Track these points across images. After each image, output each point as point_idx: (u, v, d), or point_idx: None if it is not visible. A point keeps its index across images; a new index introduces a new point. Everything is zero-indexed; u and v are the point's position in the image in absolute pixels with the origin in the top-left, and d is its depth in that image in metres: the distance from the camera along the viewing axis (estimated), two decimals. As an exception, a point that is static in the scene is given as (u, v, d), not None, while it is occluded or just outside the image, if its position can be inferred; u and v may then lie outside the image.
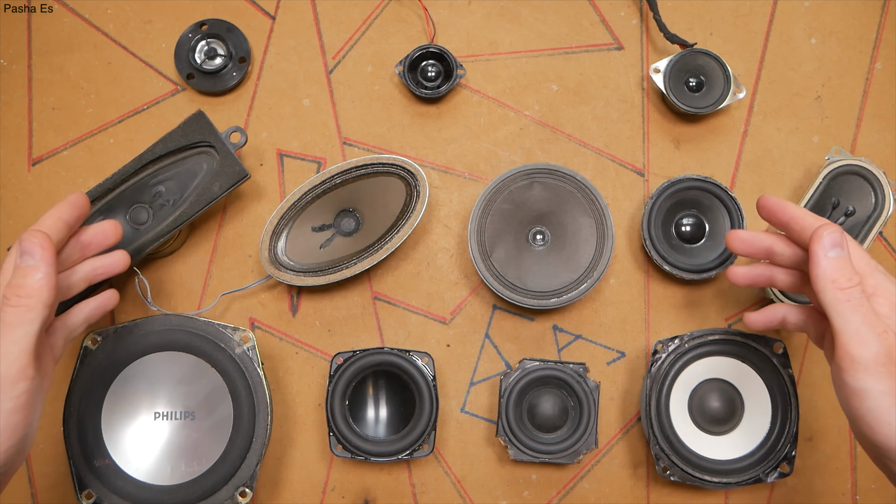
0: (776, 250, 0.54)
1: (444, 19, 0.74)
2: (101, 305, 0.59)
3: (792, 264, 0.54)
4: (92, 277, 0.58)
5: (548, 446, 0.65)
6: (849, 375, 0.46)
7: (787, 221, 0.52)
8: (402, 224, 0.67)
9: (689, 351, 0.66)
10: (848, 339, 0.46)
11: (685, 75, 0.71)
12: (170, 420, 0.63)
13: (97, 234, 0.57)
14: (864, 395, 0.46)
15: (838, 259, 0.48)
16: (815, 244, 0.48)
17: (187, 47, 0.71)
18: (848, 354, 0.46)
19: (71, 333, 0.57)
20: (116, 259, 0.59)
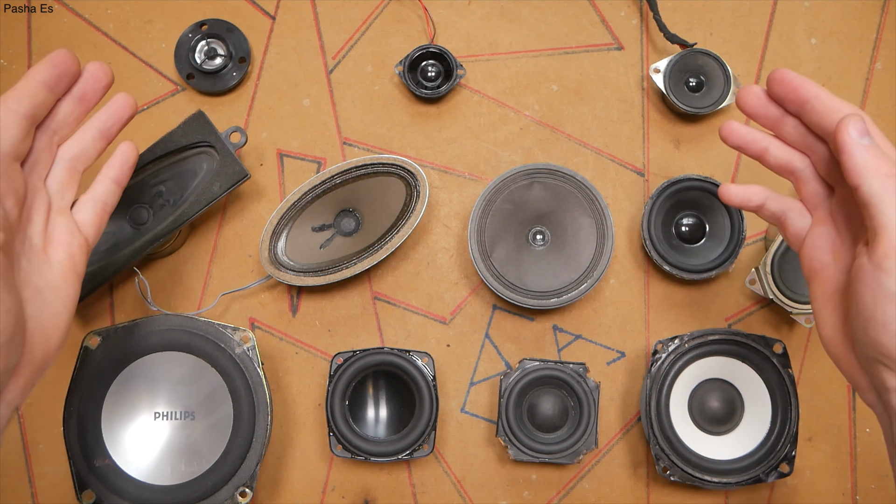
0: (787, 122, 0.49)
1: (444, 19, 0.74)
2: (124, 162, 0.54)
3: (796, 143, 0.49)
4: (105, 130, 0.52)
5: (548, 446, 0.65)
6: (891, 278, 0.41)
7: (808, 100, 0.46)
8: (402, 224, 0.67)
9: (689, 351, 0.66)
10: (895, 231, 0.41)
11: (685, 75, 0.71)
12: (170, 420, 0.63)
13: (87, 80, 0.50)
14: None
15: (874, 147, 0.42)
16: (841, 134, 0.43)
17: (187, 47, 0.71)
18: (894, 250, 0.40)
19: (106, 204, 0.53)
20: (119, 102, 0.53)
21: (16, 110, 0.46)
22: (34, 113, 0.47)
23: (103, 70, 0.51)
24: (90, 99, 0.51)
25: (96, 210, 0.52)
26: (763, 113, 0.49)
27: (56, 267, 0.48)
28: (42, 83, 0.47)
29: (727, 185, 0.52)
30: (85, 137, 0.52)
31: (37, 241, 0.48)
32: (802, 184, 0.50)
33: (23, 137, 0.46)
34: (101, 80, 0.51)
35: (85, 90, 0.50)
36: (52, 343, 0.47)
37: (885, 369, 0.43)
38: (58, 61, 0.48)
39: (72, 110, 0.50)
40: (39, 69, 0.47)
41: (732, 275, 0.71)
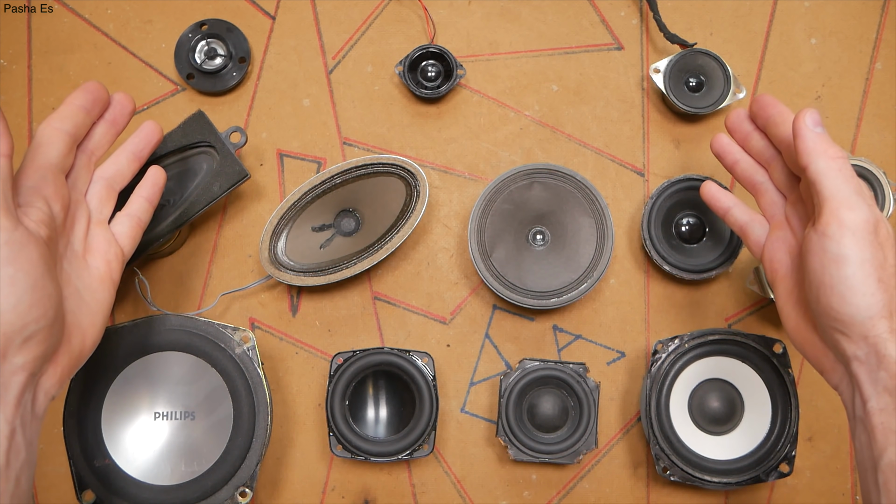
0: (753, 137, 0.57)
1: (444, 19, 0.74)
2: (154, 182, 0.59)
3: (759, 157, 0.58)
4: (137, 153, 0.58)
5: (548, 446, 0.65)
6: (833, 241, 0.46)
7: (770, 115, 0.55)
8: (402, 224, 0.67)
9: (689, 351, 0.66)
10: (839, 203, 0.47)
11: (685, 75, 0.71)
12: (170, 420, 0.63)
13: (116, 107, 0.57)
14: (844, 261, 0.46)
15: (824, 135, 0.50)
16: (798, 122, 0.50)
17: (187, 47, 0.71)
18: (837, 219, 0.46)
19: (140, 220, 0.58)
20: (148, 128, 0.59)
21: (60, 128, 0.52)
22: (76, 132, 0.53)
23: (128, 98, 0.58)
24: (119, 123, 0.57)
25: (132, 224, 0.57)
26: (737, 128, 0.58)
27: (94, 272, 0.53)
28: (80, 107, 0.53)
29: (708, 182, 0.62)
30: (120, 159, 0.58)
31: (77, 247, 0.53)
32: (762, 194, 0.58)
33: (67, 152, 0.52)
34: (127, 106, 0.57)
35: (115, 115, 0.57)
36: (88, 339, 0.52)
37: (842, 337, 0.47)
38: (91, 89, 0.55)
39: (105, 132, 0.56)
40: (77, 95, 0.54)
41: (732, 275, 0.71)
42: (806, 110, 0.50)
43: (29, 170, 0.50)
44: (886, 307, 0.46)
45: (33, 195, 0.49)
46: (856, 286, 0.46)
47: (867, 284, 0.46)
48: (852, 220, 0.46)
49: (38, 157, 0.51)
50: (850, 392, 0.49)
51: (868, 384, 0.46)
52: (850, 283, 0.46)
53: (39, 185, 0.50)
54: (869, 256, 0.46)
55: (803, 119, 0.50)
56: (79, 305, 0.51)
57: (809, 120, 0.49)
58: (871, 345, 0.46)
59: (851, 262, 0.46)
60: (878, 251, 0.46)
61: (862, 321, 0.46)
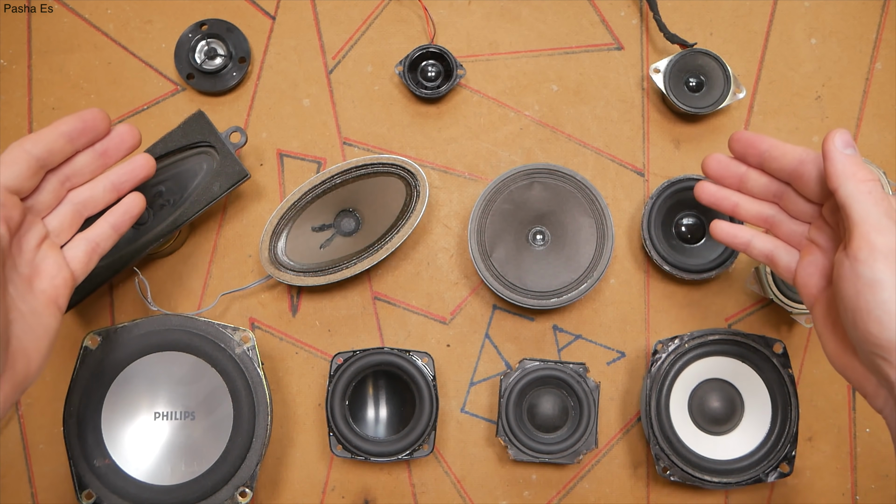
0: (750, 177, 0.55)
1: (444, 19, 0.74)
2: (126, 211, 0.57)
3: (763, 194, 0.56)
4: (118, 184, 0.56)
5: (548, 446, 0.65)
6: (866, 266, 0.45)
7: (764, 150, 0.53)
8: (402, 224, 0.67)
9: (689, 351, 0.66)
10: (870, 228, 0.46)
11: (685, 75, 0.71)
12: (170, 420, 0.63)
13: (113, 139, 0.55)
14: (879, 286, 0.45)
15: (855, 156, 0.48)
16: (828, 143, 0.48)
17: (187, 47, 0.71)
18: (868, 243, 0.45)
19: (98, 246, 0.55)
20: (139, 163, 0.56)
21: (29, 151, 0.50)
22: (47, 157, 0.51)
23: (132, 134, 0.55)
24: (111, 156, 0.55)
25: (87, 249, 0.55)
26: (726, 174, 0.56)
27: (40, 296, 0.51)
28: (63, 134, 0.52)
29: (717, 223, 0.58)
30: (97, 187, 0.55)
31: (24, 270, 0.51)
32: (777, 228, 0.55)
33: (28, 176, 0.50)
34: (127, 142, 0.55)
35: (108, 147, 0.55)
36: (33, 364, 0.50)
37: (883, 362, 0.46)
38: (87, 118, 0.53)
39: (89, 162, 0.54)
40: (66, 121, 0.52)
41: (732, 275, 0.71)
42: (836, 132, 0.49)
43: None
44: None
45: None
46: (893, 311, 0.45)
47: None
48: (883, 244, 0.45)
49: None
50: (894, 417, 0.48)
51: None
52: (887, 307, 0.45)
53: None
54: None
55: (833, 141, 0.48)
56: (24, 330, 0.49)
57: (839, 141, 0.48)
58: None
59: (886, 287, 0.45)
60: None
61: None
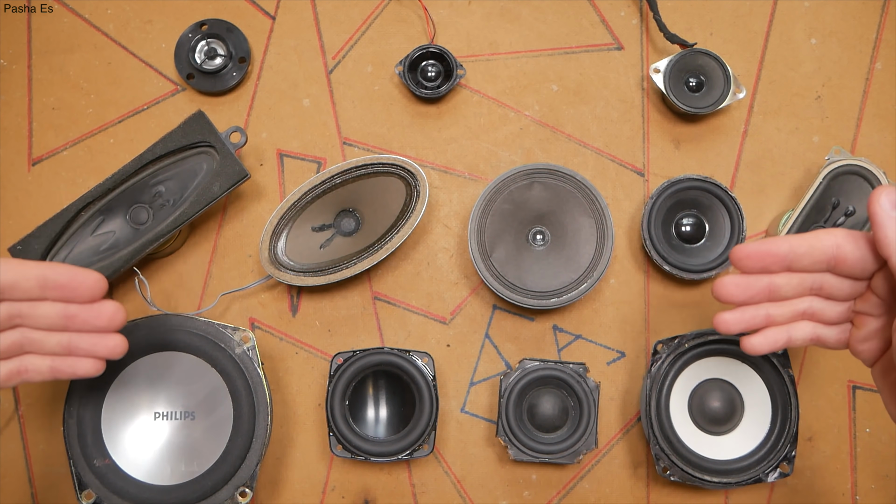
0: (779, 284, 0.49)
1: (444, 19, 0.74)
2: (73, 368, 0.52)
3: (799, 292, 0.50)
4: (71, 350, 0.52)
5: (548, 446, 0.65)
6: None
7: (786, 253, 0.48)
8: (402, 224, 0.67)
9: (689, 351, 0.66)
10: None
11: (685, 75, 0.71)
12: (170, 420, 0.63)
13: (90, 311, 0.51)
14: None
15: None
16: (874, 206, 0.44)
17: (187, 47, 0.71)
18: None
19: (26, 372, 0.52)
20: (111, 343, 0.52)
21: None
22: (8, 288, 0.49)
23: (114, 317, 0.51)
24: (76, 324, 0.51)
25: (10, 368, 0.52)
26: (750, 294, 0.49)
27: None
28: (39, 277, 0.49)
29: (748, 339, 0.51)
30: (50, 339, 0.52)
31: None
32: (819, 316, 0.50)
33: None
34: (102, 319, 0.51)
35: (78, 315, 0.51)
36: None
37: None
38: (78, 280, 0.49)
39: (49, 316, 0.50)
40: (54, 269, 0.49)
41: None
42: (882, 192, 0.44)
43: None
44: None
45: None
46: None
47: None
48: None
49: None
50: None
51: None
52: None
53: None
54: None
55: (880, 203, 0.44)
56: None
57: (886, 202, 0.44)
58: None
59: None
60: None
61: None
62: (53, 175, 0.71)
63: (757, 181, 0.72)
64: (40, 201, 0.71)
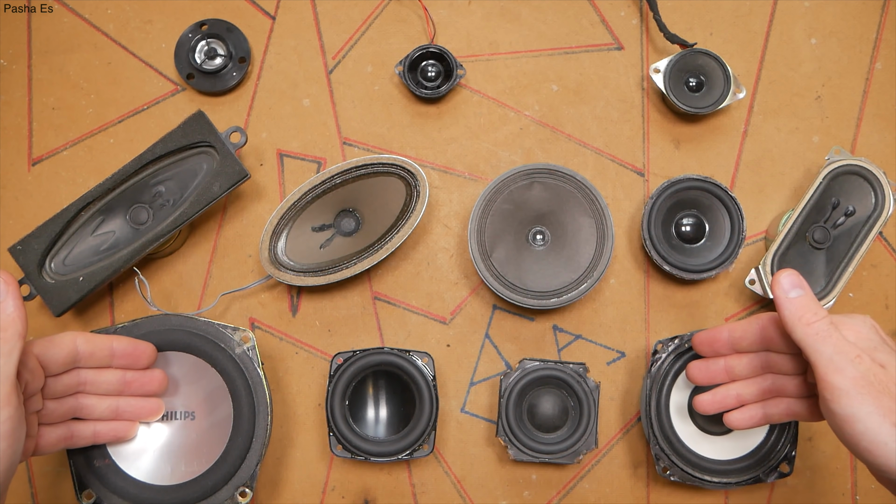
0: (733, 365, 0.58)
1: (444, 19, 0.74)
2: (116, 436, 0.60)
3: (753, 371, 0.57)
4: (118, 413, 0.59)
5: (548, 446, 0.65)
6: (834, 403, 0.47)
7: (726, 338, 0.57)
8: (402, 224, 0.67)
9: (689, 351, 0.66)
10: (824, 369, 0.48)
11: (685, 75, 0.71)
12: (170, 420, 0.63)
13: (145, 377, 0.59)
14: (853, 419, 0.47)
15: (800, 298, 0.51)
16: (776, 289, 0.51)
17: (187, 47, 0.71)
18: (828, 384, 0.48)
19: (73, 438, 0.58)
20: (151, 406, 0.61)
21: (78, 344, 0.55)
22: (86, 358, 0.56)
23: (161, 383, 0.60)
24: (131, 389, 0.59)
25: (63, 435, 0.58)
26: (712, 375, 0.59)
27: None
28: (112, 350, 0.57)
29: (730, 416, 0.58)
30: (102, 404, 0.59)
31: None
32: (783, 391, 0.56)
33: (63, 362, 0.55)
34: (154, 387, 0.60)
35: (135, 380, 0.59)
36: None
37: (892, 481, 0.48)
38: (140, 351, 0.59)
39: (110, 382, 0.58)
40: (123, 340, 0.58)
41: (732, 275, 0.71)
42: (781, 275, 0.51)
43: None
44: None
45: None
46: (874, 439, 0.46)
47: (884, 433, 0.46)
48: (841, 383, 0.47)
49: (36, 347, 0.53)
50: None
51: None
52: (869, 437, 0.46)
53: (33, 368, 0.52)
54: (873, 409, 0.46)
55: (780, 286, 0.51)
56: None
57: (786, 284, 0.51)
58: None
59: (859, 419, 0.46)
60: (883, 398, 0.46)
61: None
62: (53, 175, 0.71)
63: (757, 181, 0.72)
64: (40, 201, 0.71)
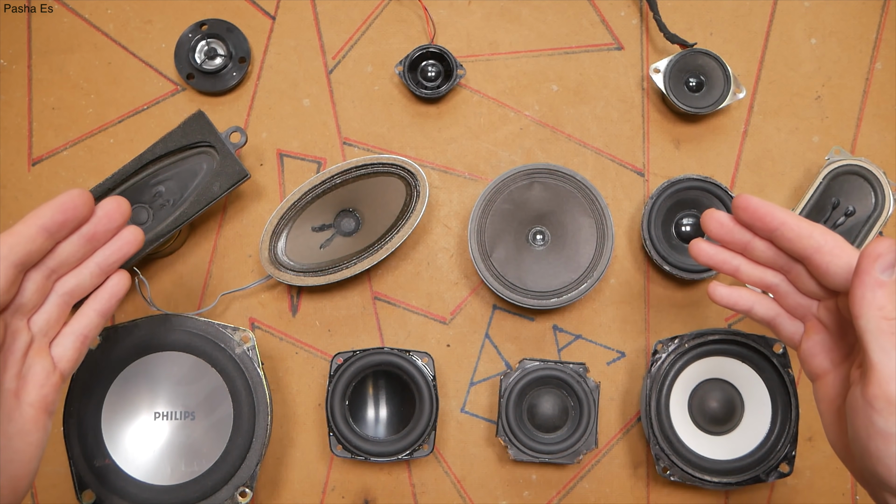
0: (756, 246, 0.50)
1: (444, 19, 0.74)
2: (112, 294, 0.51)
3: (770, 264, 0.50)
4: (106, 266, 0.50)
5: (548, 446, 0.65)
6: (880, 417, 0.41)
7: (776, 227, 0.47)
8: (402, 224, 0.67)
9: (689, 351, 0.66)
10: (889, 378, 0.41)
11: (685, 75, 0.71)
12: (170, 420, 0.63)
13: (100, 220, 0.48)
14: (892, 439, 0.41)
15: (890, 282, 0.42)
16: (865, 261, 0.42)
17: (187, 47, 0.71)
18: (885, 395, 0.41)
19: (86, 337, 0.50)
20: (126, 238, 0.50)
21: (5, 258, 0.44)
22: (26, 260, 0.45)
23: (119, 209, 0.49)
24: (99, 240, 0.49)
25: (76, 344, 0.50)
26: (729, 238, 0.50)
27: (27, 410, 0.46)
28: (41, 228, 0.45)
29: (715, 286, 0.53)
30: (83, 272, 0.50)
31: (10, 386, 0.46)
32: (782, 297, 0.51)
33: (7, 287, 0.44)
34: (115, 220, 0.49)
35: (95, 231, 0.49)
36: (21, 489, 0.46)
37: (889, 496, 0.43)
38: (66, 206, 0.46)
39: (75, 251, 0.48)
40: (42, 213, 0.46)
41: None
42: (881, 244, 0.42)
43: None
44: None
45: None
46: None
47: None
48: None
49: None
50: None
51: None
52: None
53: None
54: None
55: (871, 258, 0.42)
56: (10, 458, 0.45)
57: (885, 261, 0.42)
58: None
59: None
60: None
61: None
62: (53, 175, 0.71)
63: (757, 181, 0.72)
64: (40, 201, 0.70)
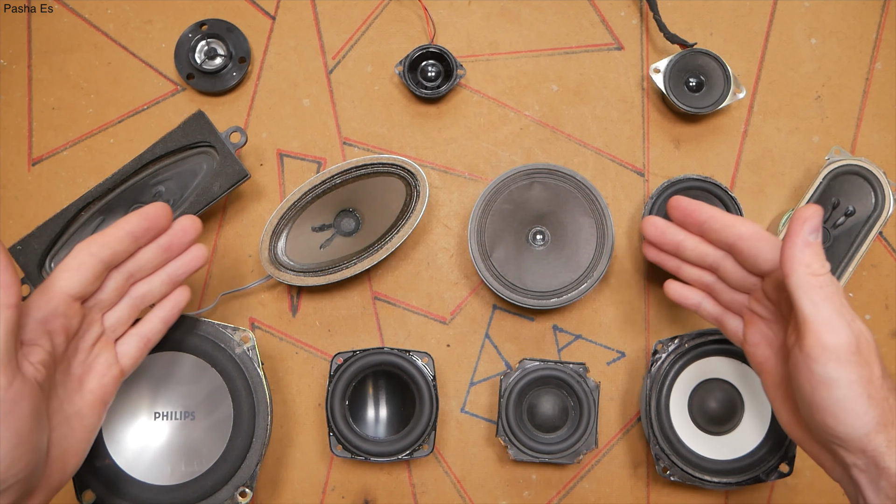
0: (686, 246, 0.57)
1: (444, 19, 0.74)
2: (176, 304, 0.58)
3: (699, 262, 0.57)
4: (175, 277, 0.57)
5: (548, 446, 0.65)
6: (818, 365, 0.45)
7: (703, 221, 0.55)
8: (402, 224, 0.67)
9: (689, 351, 0.66)
10: (820, 327, 0.45)
11: (685, 75, 0.71)
12: (170, 420, 0.63)
13: (176, 233, 0.55)
14: (832, 384, 0.45)
15: (816, 244, 0.47)
16: (795, 223, 0.47)
17: (187, 47, 0.71)
18: (820, 343, 0.45)
19: (149, 340, 0.56)
20: (195, 254, 0.57)
21: (95, 255, 0.50)
22: (112, 259, 0.52)
23: (194, 226, 0.56)
24: (175, 251, 0.56)
25: (139, 345, 0.56)
26: (662, 240, 0.58)
27: (87, 396, 0.52)
28: (129, 233, 0.52)
29: (670, 283, 0.60)
30: (155, 281, 0.56)
31: (76, 371, 0.51)
32: (717, 295, 0.57)
33: (93, 280, 0.51)
34: (189, 234, 0.56)
35: (171, 242, 0.55)
36: (69, 467, 0.51)
37: (839, 448, 0.47)
38: (151, 215, 0.53)
39: (153, 258, 0.55)
40: (131, 220, 0.52)
41: (732, 275, 0.71)
42: (807, 210, 0.47)
43: (45, 297, 0.48)
44: (880, 422, 0.45)
45: (39, 332, 0.47)
46: (848, 407, 0.45)
47: (858, 404, 0.45)
48: (835, 344, 0.45)
49: (59, 282, 0.49)
50: (853, 489, 0.48)
51: (870, 490, 0.46)
52: (842, 405, 0.45)
53: (48, 319, 0.48)
54: (856, 377, 0.45)
55: (801, 223, 0.47)
56: (65, 435, 0.50)
57: (810, 224, 0.47)
58: (870, 457, 0.46)
59: (840, 385, 0.45)
60: (864, 368, 0.45)
61: (858, 438, 0.46)
62: (53, 175, 0.71)
63: (757, 181, 0.72)
64: (40, 201, 0.71)
